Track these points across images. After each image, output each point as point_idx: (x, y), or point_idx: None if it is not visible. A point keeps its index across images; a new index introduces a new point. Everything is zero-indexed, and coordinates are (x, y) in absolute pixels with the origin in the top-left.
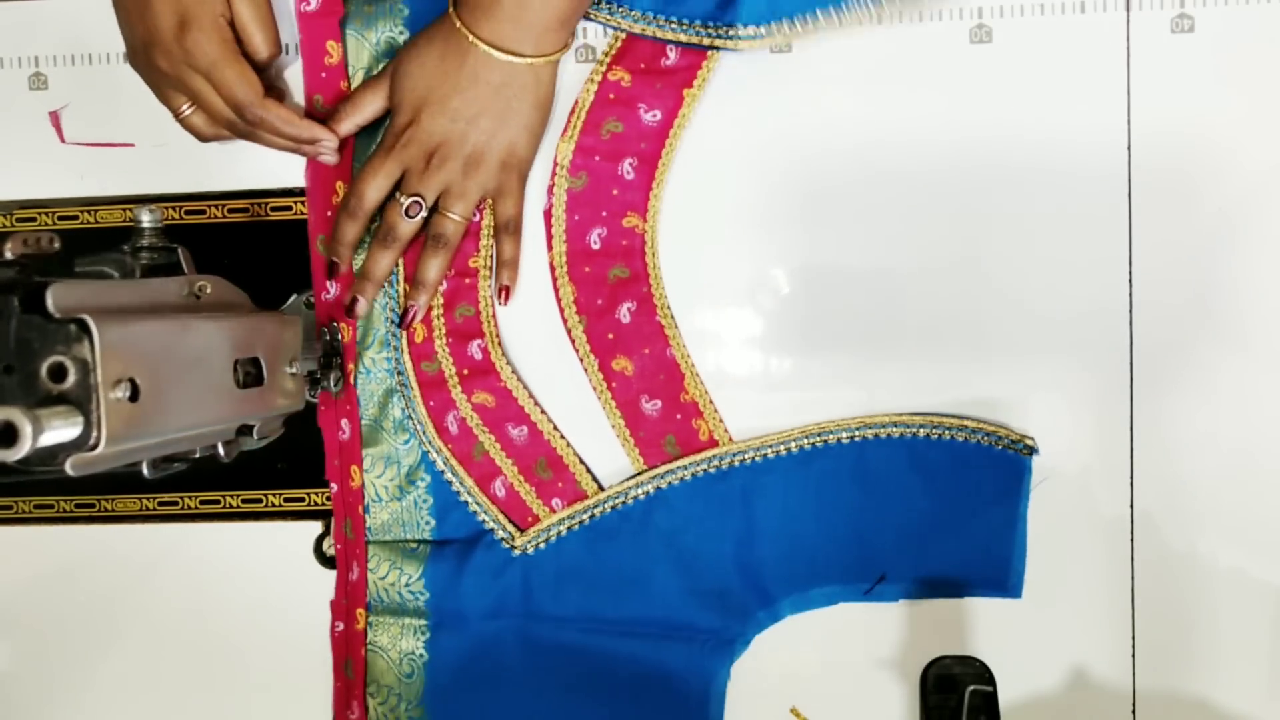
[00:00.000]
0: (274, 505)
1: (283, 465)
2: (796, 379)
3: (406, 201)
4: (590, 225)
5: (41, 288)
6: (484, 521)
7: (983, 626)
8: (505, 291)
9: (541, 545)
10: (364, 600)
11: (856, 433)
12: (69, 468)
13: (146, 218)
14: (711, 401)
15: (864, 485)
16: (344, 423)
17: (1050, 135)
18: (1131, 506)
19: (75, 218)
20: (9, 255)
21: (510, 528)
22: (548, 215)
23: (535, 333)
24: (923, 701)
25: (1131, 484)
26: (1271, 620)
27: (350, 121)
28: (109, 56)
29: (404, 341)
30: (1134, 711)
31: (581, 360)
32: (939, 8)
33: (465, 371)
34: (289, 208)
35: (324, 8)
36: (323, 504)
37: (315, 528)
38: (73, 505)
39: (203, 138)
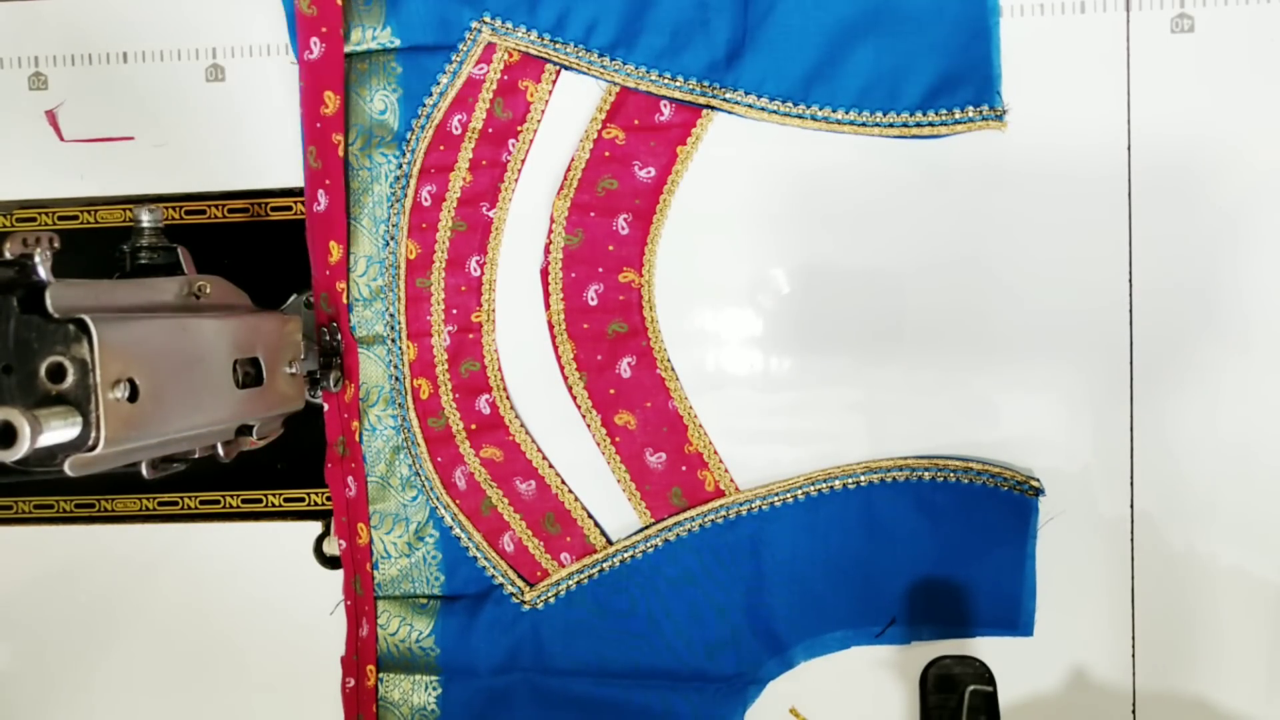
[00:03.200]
0: (274, 505)
1: (282, 465)
2: (798, 412)
3: None
4: (587, 282)
5: (41, 288)
6: (493, 576)
7: None
8: None
9: (551, 600)
10: (374, 657)
11: (862, 478)
12: (68, 468)
13: (146, 218)
14: (716, 452)
15: (871, 530)
16: (350, 480)
17: (1050, 135)
18: (1131, 507)
19: (75, 218)
20: (9, 255)
21: (520, 582)
22: (544, 274)
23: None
24: (923, 701)
25: (1131, 484)
26: (1271, 620)
27: None
28: (109, 56)
29: (410, 399)
30: (1134, 711)
31: (584, 416)
32: None
33: (473, 426)
34: (289, 208)
35: (326, 56)
36: (323, 504)
37: (315, 528)
38: (73, 505)
39: None
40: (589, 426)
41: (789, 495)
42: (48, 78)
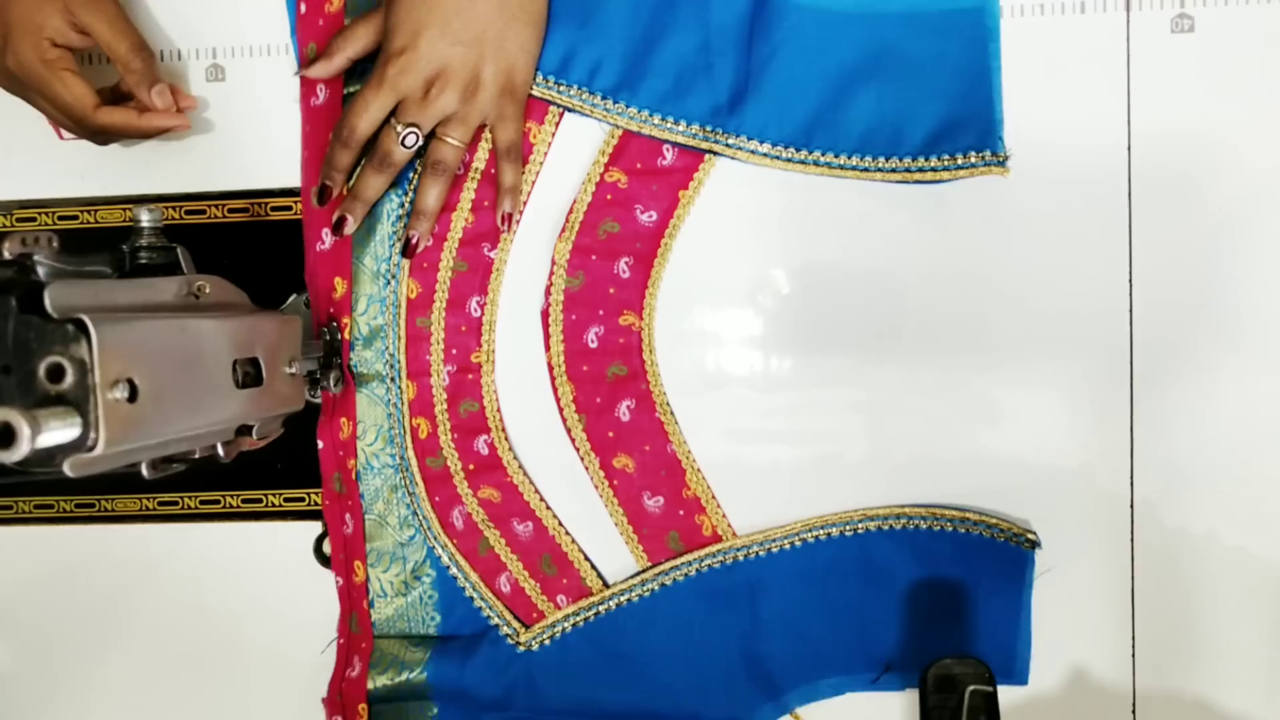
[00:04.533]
0: (274, 505)
1: (282, 465)
2: (798, 414)
3: (404, 132)
4: (587, 324)
5: (39, 287)
6: (489, 617)
7: None
8: (507, 219)
9: (546, 641)
10: (364, 695)
11: (859, 525)
12: (67, 469)
13: (146, 217)
14: (714, 496)
15: (867, 577)
16: (348, 517)
17: (1050, 135)
18: (1132, 506)
19: (75, 218)
20: (8, 255)
21: (515, 624)
22: (545, 315)
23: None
24: (922, 701)
25: (1131, 484)
26: (1272, 620)
27: (343, 55)
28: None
29: (408, 438)
30: (1134, 711)
31: (582, 458)
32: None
33: (471, 466)
34: (289, 208)
35: (331, 99)
36: (323, 504)
37: (315, 528)
38: (73, 505)
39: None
40: (587, 469)
41: (786, 541)
42: None
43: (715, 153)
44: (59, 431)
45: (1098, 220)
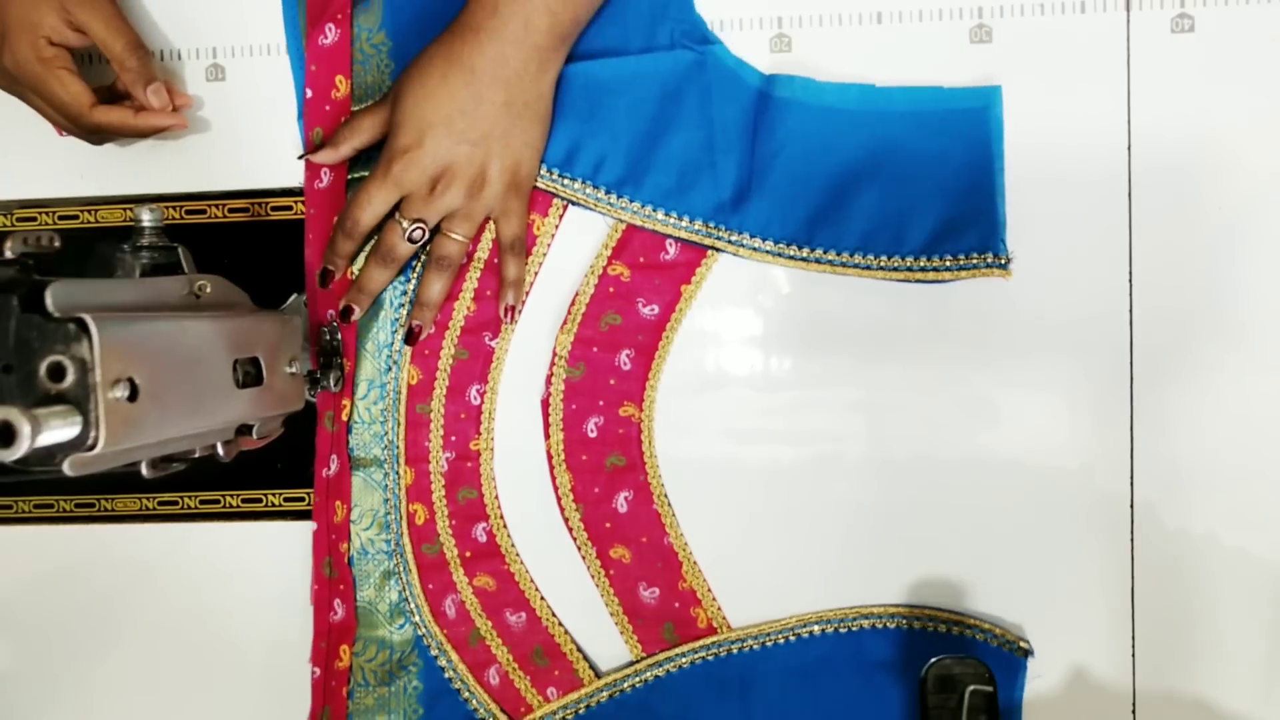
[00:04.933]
0: (273, 505)
1: (282, 465)
2: (799, 415)
3: (410, 227)
4: (587, 414)
5: (41, 287)
6: (475, 710)
7: None
8: (510, 311)
9: None
10: None
11: (854, 623)
12: (67, 468)
13: (147, 217)
14: (710, 589)
15: (860, 675)
16: (337, 603)
17: (1050, 135)
18: (1131, 508)
19: (75, 217)
20: (9, 254)
21: (502, 717)
22: (545, 404)
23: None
24: (922, 701)
25: (1131, 485)
26: (1272, 620)
27: (348, 145)
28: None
29: (405, 524)
30: (1134, 711)
31: (579, 548)
32: (939, 6)
33: (468, 554)
34: (289, 207)
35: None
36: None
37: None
38: (73, 505)
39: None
40: (584, 558)
41: (780, 636)
42: None
43: (718, 248)
44: (59, 430)
45: (1098, 220)
